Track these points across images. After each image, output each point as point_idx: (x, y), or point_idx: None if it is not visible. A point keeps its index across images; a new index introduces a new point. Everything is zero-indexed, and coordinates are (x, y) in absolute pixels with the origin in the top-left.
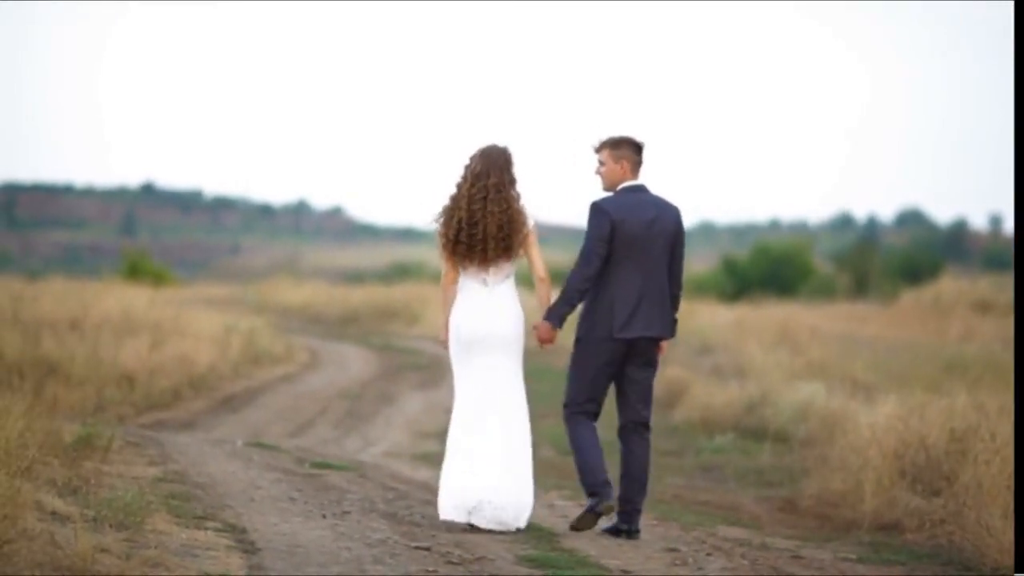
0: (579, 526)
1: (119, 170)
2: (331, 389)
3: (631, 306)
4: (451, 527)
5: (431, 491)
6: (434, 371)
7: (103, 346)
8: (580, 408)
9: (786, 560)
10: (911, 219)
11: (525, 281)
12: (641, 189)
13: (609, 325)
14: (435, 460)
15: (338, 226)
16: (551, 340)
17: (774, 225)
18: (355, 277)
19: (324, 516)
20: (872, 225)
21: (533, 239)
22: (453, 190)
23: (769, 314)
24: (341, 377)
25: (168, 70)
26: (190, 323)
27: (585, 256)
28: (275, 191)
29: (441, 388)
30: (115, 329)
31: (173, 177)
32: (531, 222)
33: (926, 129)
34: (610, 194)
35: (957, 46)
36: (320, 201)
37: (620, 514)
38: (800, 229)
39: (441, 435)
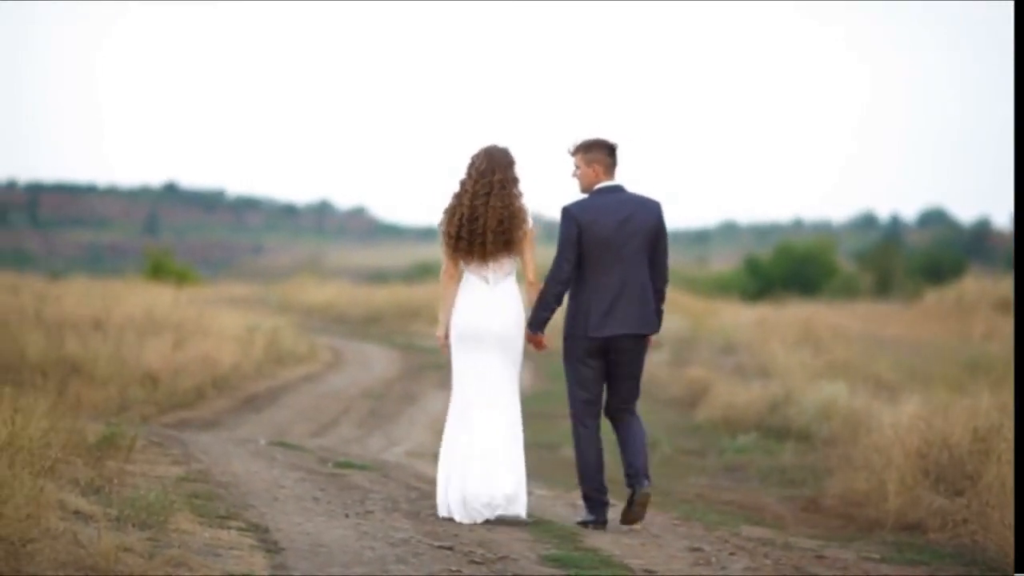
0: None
1: (142, 170)
2: (354, 389)
3: (606, 305)
4: (472, 526)
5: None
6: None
7: (126, 346)
8: (583, 409)
9: (809, 560)
10: (934, 218)
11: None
12: (616, 189)
13: (585, 324)
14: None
15: (361, 226)
16: (541, 344)
17: (797, 224)
18: (378, 277)
19: (347, 515)
20: (895, 224)
21: (531, 240)
22: (457, 188)
23: (792, 314)
24: (364, 377)
25: (192, 70)
26: (213, 323)
27: (556, 261)
28: (298, 191)
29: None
30: (138, 329)
31: (196, 177)
32: (530, 222)
33: (949, 128)
34: (585, 196)
35: (984, 45)
36: (343, 201)
37: (627, 479)
38: (823, 228)
39: None
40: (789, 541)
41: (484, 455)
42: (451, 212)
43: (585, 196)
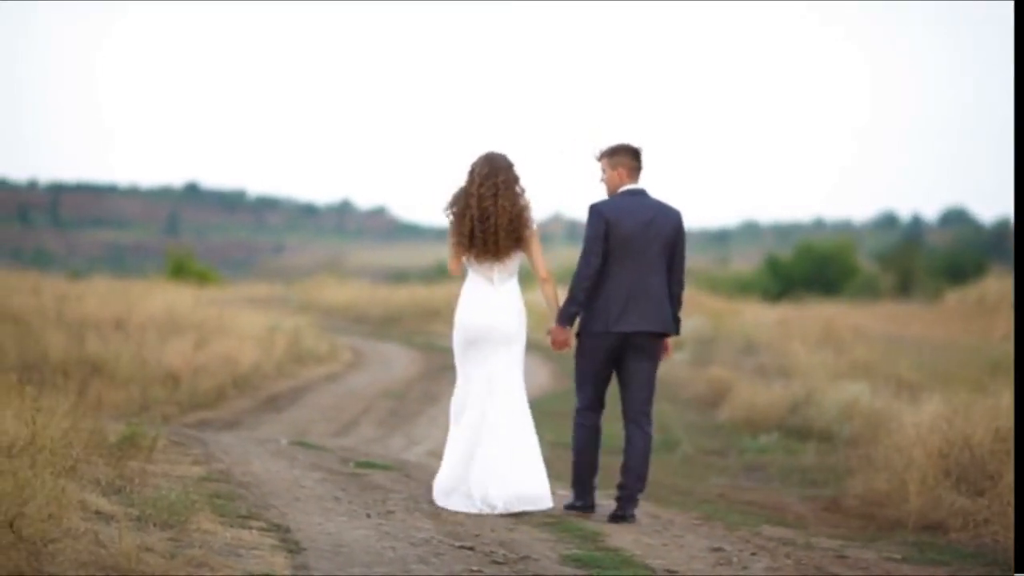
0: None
1: (163, 170)
2: (375, 388)
3: (623, 301)
4: (494, 527)
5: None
6: None
7: (147, 346)
8: (587, 404)
9: (830, 560)
10: (955, 218)
11: (528, 279)
12: (640, 193)
13: (604, 319)
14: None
15: (381, 226)
16: (566, 343)
17: (818, 224)
18: (398, 277)
19: (368, 515)
20: (916, 224)
21: (536, 239)
22: (459, 192)
23: (813, 314)
24: (384, 376)
25: (214, 71)
26: (234, 322)
27: (584, 256)
28: (319, 191)
29: None
30: (159, 329)
31: (217, 177)
32: (534, 223)
33: (971, 128)
34: (611, 198)
35: (1007, 44)
36: (363, 201)
37: (618, 500)
38: (844, 228)
39: None
40: (810, 541)
41: (493, 452)
42: (460, 214)
43: (611, 198)
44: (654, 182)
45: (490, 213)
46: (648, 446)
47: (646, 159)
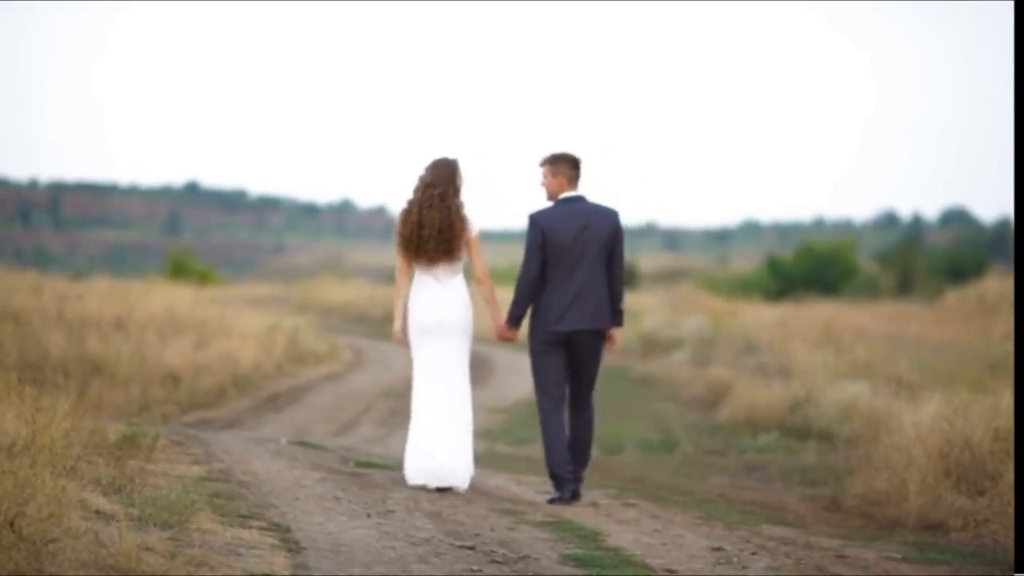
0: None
1: (164, 169)
2: (375, 388)
3: (567, 302)
4: (493, 524)
5: (474, 489)
6: (477, 370)
7: (148, 345)
8: (546, 396)
9: (830, 559)
10: (956, 218)
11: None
12: (577, 199)
13: (550, 321)
14: (478, 459)
15: (382, 225)
16: (510, 337)
17: (818, 224)
18: None
19: (368, 515)
20: (917, 224)
21: (476, 244)
22: (411, 196)
23: (813, 313)
24: (385, 376)
25: (213, 70)
26: (234, 322)
27: (524, 264)
28: (319, 190)
29: (485, 387)
30: (160, 328)
31: (217, 176)
32: (475, 229)
33: (972, 127)
34: (550, 204)
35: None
36: (364, 200)
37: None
38: (844, 228)
39: (484, 434)
40: (810, 540)
41: (439, 430)
42: (405, 216)
43: (550, 204)
44: (654, 182)
45: (426, 222)
46: (590, 431)
47: (650, 158)
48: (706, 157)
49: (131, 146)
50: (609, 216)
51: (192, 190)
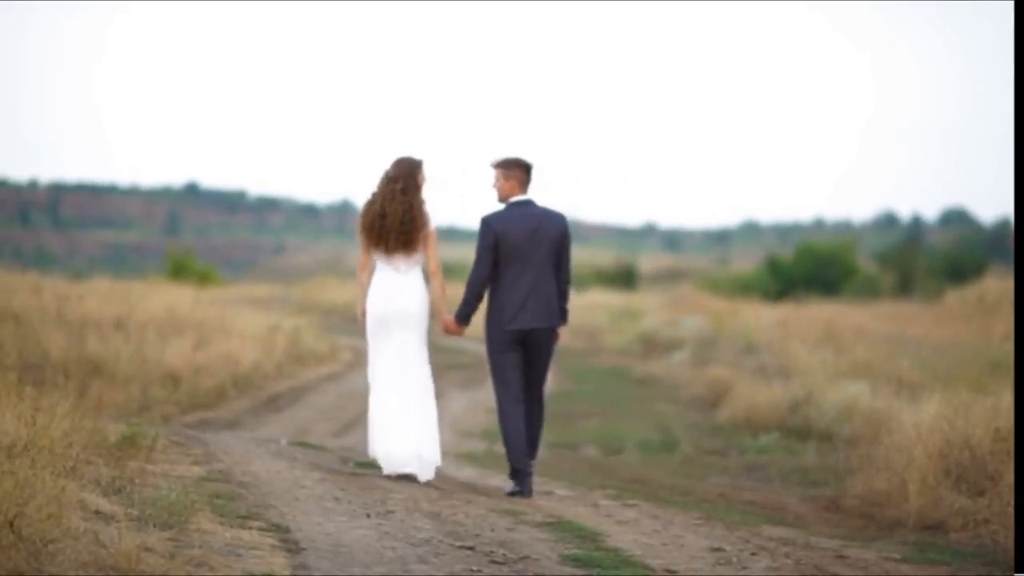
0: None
1: (163, 170)
2: None
3: (519, 302)
4: (493, 525)
5: (475, 490)
6: (478, 370)
7: (148, 345)
8: (503, 391)
9: (830, 560)
10: (956, 218)
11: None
12: (527, 203)
13: (503, 319)
14: (479, 459)
15: None
16: (458, 332)
17: (818, 224)
18: None
19: (368, 515)
20: (916, 224)
21: (432, 240)
22: (375, 189)
23: (813, 313)
24: None
25: (213, 70)
26: (234, 323)
27: (475, 263)
28: (319, 191)
29: (485, 387)
30: (160, 329)
31: (217, 177)
32: (431, 225)
33: (971, 128)
34: (502, 206)
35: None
36: (363, 201)
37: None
38: (844, 228)
39: (485, 434)
40: (810, 541)
41: (398, 416)
42: (368, 207)
43: (501, 207)
44: (654, 182)
45: (387, 213)
46: (540, 421)
47: (650, 157)
48: (706, 157)
49: (131, 146)
50: (558, 220)
51: (192, 190)
